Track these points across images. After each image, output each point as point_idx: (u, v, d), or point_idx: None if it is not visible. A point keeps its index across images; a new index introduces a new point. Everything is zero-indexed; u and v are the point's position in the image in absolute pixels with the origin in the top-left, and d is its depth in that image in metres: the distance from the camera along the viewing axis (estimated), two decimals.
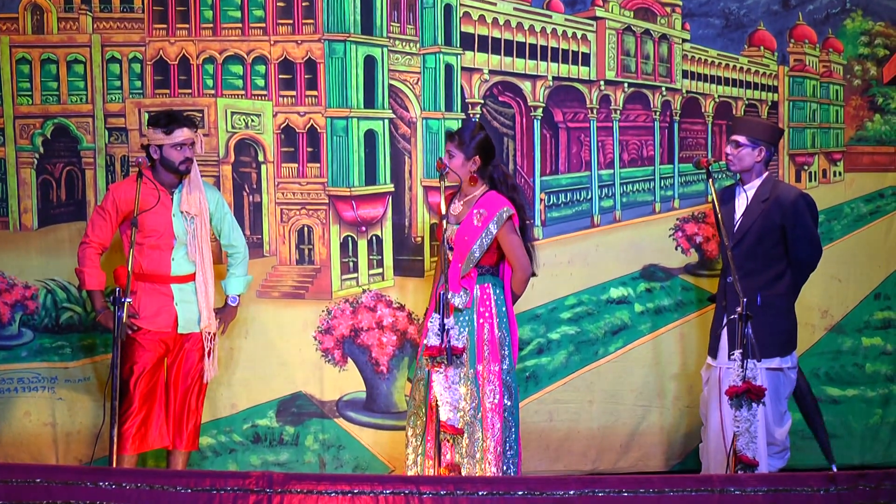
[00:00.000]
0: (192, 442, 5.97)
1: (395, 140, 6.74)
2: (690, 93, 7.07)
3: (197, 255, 5.91)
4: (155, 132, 5.82)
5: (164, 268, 5.88)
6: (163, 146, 5.82)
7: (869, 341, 7.05)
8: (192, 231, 5.89)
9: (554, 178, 6.93)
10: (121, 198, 5.84)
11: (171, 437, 5.91)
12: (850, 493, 4.50)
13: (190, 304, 5.92)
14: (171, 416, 5.91)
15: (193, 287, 5.94)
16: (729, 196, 6.00)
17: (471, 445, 5.77)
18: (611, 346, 6.89)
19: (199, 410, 6.00)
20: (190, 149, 5.85)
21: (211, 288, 5.97)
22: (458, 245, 5.80)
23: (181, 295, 5.90)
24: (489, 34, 6.84)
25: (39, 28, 6.57)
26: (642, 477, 5.41)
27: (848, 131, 7.17)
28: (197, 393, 5.97)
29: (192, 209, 5.89)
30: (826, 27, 7.10)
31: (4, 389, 6.52)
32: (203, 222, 5.94)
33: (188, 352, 5.94)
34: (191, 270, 5.93)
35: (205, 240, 5.95)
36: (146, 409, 5.82)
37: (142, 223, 5.76)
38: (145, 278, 5.86)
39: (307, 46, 6.66)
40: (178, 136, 5.81)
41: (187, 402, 5.94)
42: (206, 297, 5.93)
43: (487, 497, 4.42)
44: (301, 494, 4.42)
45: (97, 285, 5.90)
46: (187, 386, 5.94)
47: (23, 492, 4.40)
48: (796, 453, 6.88)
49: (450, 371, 5.24)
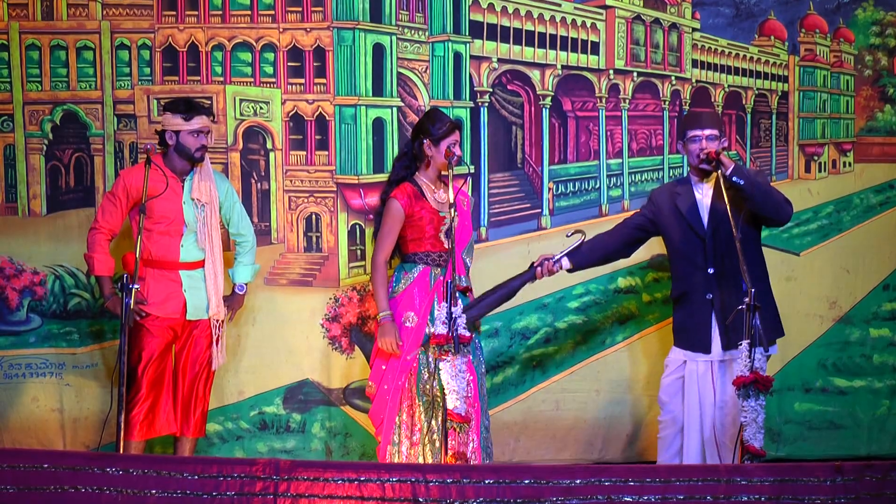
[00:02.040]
0: (199, 429, 5.98)
1: (404, 128, 6.73)
2: (700, 82, 7.06)
3: (206, 243, 5.92)
4: (174, 118, 5.83)
5: (173, 254, 5.88)
6: (179, 132, 5.83)
7: (877, 332, 7.04)
8: (202, 219, 5.90)
9: (562, 167, 6.92)
10: (131, 184, 5.84)
11: (179, 423, 5.92)
12: (857, 484, 4.49)
13: (198, 290, 5.92)
14: (179, 402, 5.92)
15: (202, 274, 5.94)
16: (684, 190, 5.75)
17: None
18: (618, 336, 6.89)
19: (206, 397, 6.01)
20: (206, 137, 5.88)
21: (220, 275, 5.97)
22: (460, 231, 5.77)
23: (190, 282, 5.91)
24: (498, 22, 6.82)
25: (49, 14, 6.57)
26: (648, 466, 5.42)
27: (858, 121, 7.15)
28: (205, 380, 5.98)
29: (203, 197, 5.90)
30: (837, 17, 7.08)
31: (13, 375, 6.54)
32: (213, 210, 5.94)
33: (196, 339, 5.94)
34: (200, 257, 5.94)
35: (215, 227, 5.95)
36: (153, 396, 5.83)
37: (151, 209, 5.76)
38: (154, 264, 5.86)
39: (316, 34, 6.65)
40: (197, 124, 5.82)
41: (195, 389, 5.95)
42: (214, 285, 5.94)
43: (494, 485, 4.42)
44: (307, 482, 4.43)
45: (106, 271, 5.90)
46: (195, 373, 5.95)
47: (30, 477, 4.41)
48: (803, 444, 6.89)
49: (457, 359, 5.24)
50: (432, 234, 5.76)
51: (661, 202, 5.79)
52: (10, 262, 6.57)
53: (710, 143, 5.62)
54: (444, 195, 5.76)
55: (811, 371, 6.94)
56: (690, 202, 5.71)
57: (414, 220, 5.74)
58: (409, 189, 5.77)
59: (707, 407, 5.63)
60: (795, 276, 6.94)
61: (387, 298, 5.73)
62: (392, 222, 5.74)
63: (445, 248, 5.75)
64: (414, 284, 5.76)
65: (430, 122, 5.75)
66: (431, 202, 5.75)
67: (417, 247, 5.79)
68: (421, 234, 5.76)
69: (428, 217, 5.74)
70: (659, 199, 5.82)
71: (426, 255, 5.79)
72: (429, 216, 5.74)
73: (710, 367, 5.64)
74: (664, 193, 5.83)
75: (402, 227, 5.76)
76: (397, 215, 5.73)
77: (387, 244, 5.76)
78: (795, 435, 6.89)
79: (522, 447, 6.75)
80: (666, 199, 5.78)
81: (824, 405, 6.94)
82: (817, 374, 6.96)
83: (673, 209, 5.72)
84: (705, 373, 5.65)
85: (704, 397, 5.63)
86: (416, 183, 5.79)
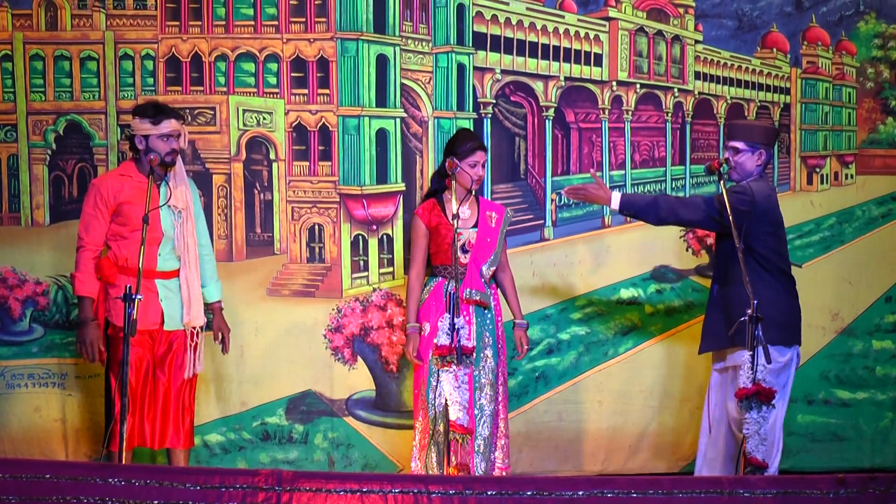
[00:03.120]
0: (189, 439, 5.84)
1: (407, 139, 6.74)
2: (703, 94, 7.06)
3: (183, 250, 5.77)
4: (142, 122, 5.68)
5: (151, 262, 5.70)
6: (149, 136, 5.68)
7: (879, 344, 7.04)
8: (178, 225, 5.77)
9: (565, 178, 6.92)
10: (108, 192, 5.69)
11: (170, 436, 5.77)
12: (860, 497, 4.48)
13: (174, 300, 5.77)
14: (168, 415, 5.77)
15: (177, 283, 5.79)
16: None
17: (487, 447, 5.84)
18: (621, 347, 6.88)
19: (192, 407, 5.86)
20: (176, 141, 5.72)
21: (196, 283, 5.80)
22: (479, 247, 5.94)
23: (164, 291, 5.73)
24: (501, 34, 6.83)
25: (53, 25, 6.58)
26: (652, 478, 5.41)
27: (860, 134, 7.16)
28: (188, 391, 5.82)
29: (180, 203, 5.75)
30: (839, 29, 7.09)
31: (15, 385, 6.54)
32: (189, 216, 5.80)
33: (177, 350, 5.78)
34: (176, 266, 5.79)
35: (191, 234, 5.80)
36: (137, 407, 5.70)
37: (129, 216, 5.66)
38: (130, 272, 5.65)
39: (319, 45, 6.66)
40: (166, 127, 5.67)
41: (181, 400, 5.79)
42: (188, 293, 5.78)
43: (496, 497, 4.41)
44: (310, 493, 4.42)
45: (89, 292, 5.71)
46: (179, 385, 5.78)
47: (32, 487, 4.40)
48: (806, 456, 6.88)
49: (459, 371, 5.26)
50: (447, 248, 5.86)
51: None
52: (12, 272, 6.57)
53: (732, 156, 5.64)
54: (468, 211, 5.96)
55: (814, 383, 6.94)
56: None
57: (434, 234, 5.95)
58: (430, 204, 6.00)
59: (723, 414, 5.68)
60: (798, 287, 6.92)
61: (415, 311, 5.95)
62: (416, 237, 6.01)
63: (462, 262, 5.91)
64: (432, 296, 5.95)
65: (456, 141, 5.99)
66: (450, 217, 5.79)
67: (436, 260, 6.00)
68: (438, 248, 5.96)
69: (444, 231, 5.89)
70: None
71: (444, 267, 5.95)
72: (444, 230, 5.89)
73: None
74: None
75: (428, 241, 5.99)
76: (419, 230, 5.99)
77: (416, 258, 6.02)
78: (798, 447, 6.89)
79: (525, 458, 6.75)
80: None
81: (827, 417, 6.94)
82: (820, 386, 6.95)
83: None
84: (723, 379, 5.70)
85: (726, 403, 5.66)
86: (442, 198, 5.98)
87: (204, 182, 6.60)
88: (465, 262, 5.93)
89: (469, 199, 5.98)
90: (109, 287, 5.67)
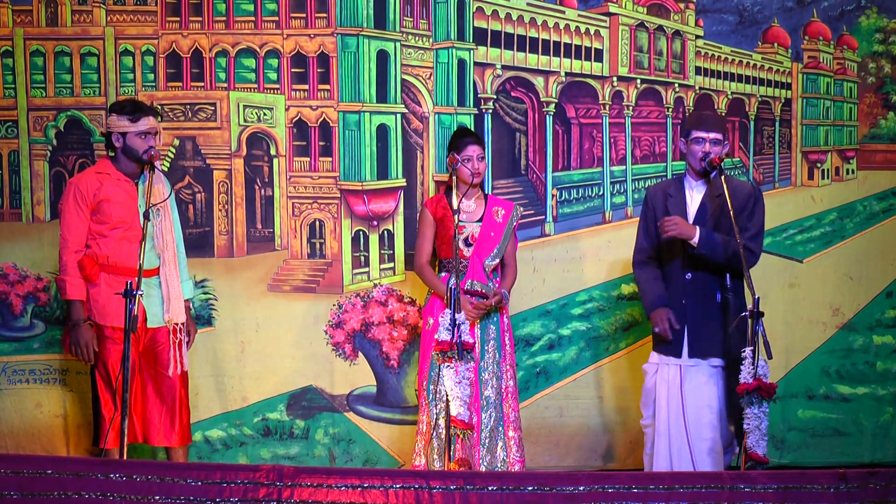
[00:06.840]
0: (187, 435, 5.81)
1: (408, 135, 6.74)
2: (703, 89, 7.06)
3: (162, 248, 5.73)
4: (120, 119, 5.64)
5: (132, 260, 5.59)
6: (126, 134, 5.63)
7: (880, 339, 7.03)
8: (157, 223, 5.72)
9: (566, 173, 6.92)
10: (88, 190, 5.66)
11: (164, 434, 5.74)
12: (861, 492, 4.48)
13: (155, 297, 5.73)
14: (161, 413, 5.74)
15: (158, 281, 5.75)
16: (676, 191, 5.78)
17: (493, 440, 5.86)
18: (621, 343, 6.88)
19: (187, 404, 5.82)
20: (153, 138, 5.68)
21: (176, 280, 5.77)
22: (482, 241, 5.99)
23: (146, 289, 5.60)
24: (502, 29, 6.83)
25: (53, 20, 6.58)
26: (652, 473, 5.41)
27: (861, 129, 7.15)
28: (180, 387, 5.78)
29: (158, 200, 5.69)
30: (840, 24, 7.08)
31: (16, 381, 6.55)
32: (167, 213, 5.77)
33: (161, 347, 5.74)
34: (156, 265, 5.74)
35: (169, 231, 5.77)
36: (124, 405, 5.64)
37: (109, 214, 5.63)
38: (111, 270, 5.65)
39: (320, 40, 6.66)
40: (143, 125, 5.63)
41: (175, 397, 5.75)
42: (168, 289, 5.74)
43: (497, 492, 4.41)
44: (311, 488, 4.42)
45: (80, 295, 5.66)
46: (169, 382, 5.74)
47: (34, 483, 4.41)
48: (807, 451, 6.88)
49: (460, 366, 5.26)
50: (451, 241, 5.88)
51: (656, 204, 5.80)
52: (14, 268, 6.57)
53: (713, 147, 5.62)
54: (474, 206, 6.03)
55: (815, 378, 6.94)
56: (680, 206, 5.72)
57: (440, 226, 6.04)
58: (438, 197, 6.11)
59: (675, 412, 5.65)
60: (799, 282, 6.94)
61: (436, 281, 6.02)
62: (422, 226, 6.11)
63: (465, 255, 5.97)
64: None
65: (453, 137, 6.11)
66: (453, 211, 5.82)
67: (442, 253, 6.07)
68: (443, 241, 6.04)
69: (448, 224, 5.96)
70: (654, 200, 5.84)
71: (447, 261, 6.00)
72: (449, 223, 5.95)
73: (679, 371, 5.68)
74: (659, 194, 5.84)
75: (435, 232, 6.07)
76: (426, 220, 6.08)
77: (422, 247, 6.10)
78: (799, 442, 6.89)
79: (526, 454, 6.74)
80: (660, 201, 5.80)
81: (828, 412, 6.94)
82: (821, 381, 6.95)
83: (664, 212, 5.73)
84: (675, 377, 5.68)
85: (672, 402, 5.65)
86: (449, 193, 6.02)
87: (204, 178, 6.61)
88: (468, 255, 5.98)
89: (476, 195, 6.05)
90: (90, 286, 5.65)
